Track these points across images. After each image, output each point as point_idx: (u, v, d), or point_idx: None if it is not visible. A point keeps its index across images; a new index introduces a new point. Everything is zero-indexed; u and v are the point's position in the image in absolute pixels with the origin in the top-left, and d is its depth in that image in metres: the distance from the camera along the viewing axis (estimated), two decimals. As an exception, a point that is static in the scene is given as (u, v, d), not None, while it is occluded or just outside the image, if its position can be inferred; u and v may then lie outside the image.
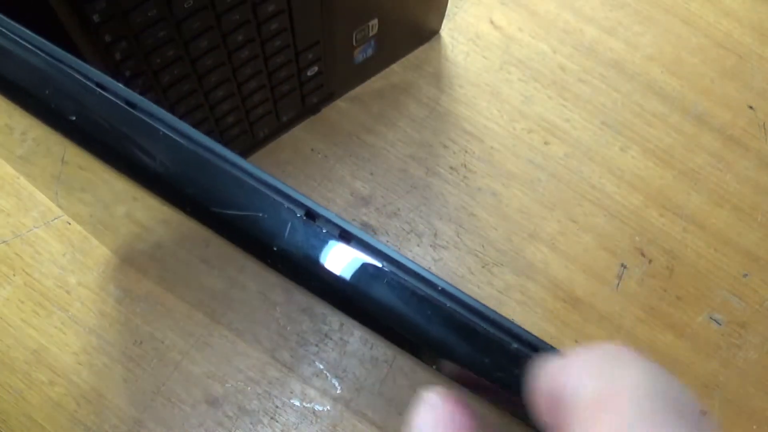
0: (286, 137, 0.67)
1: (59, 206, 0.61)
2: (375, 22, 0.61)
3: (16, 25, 0.22)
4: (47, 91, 0.22)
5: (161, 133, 0.22)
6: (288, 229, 0.21)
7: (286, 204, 0.22)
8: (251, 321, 0.59)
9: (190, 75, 0.50)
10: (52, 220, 0.63)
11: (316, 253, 0.22)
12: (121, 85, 0.22)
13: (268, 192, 0.22)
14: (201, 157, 0.22)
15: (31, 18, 0.24)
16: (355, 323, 0.22)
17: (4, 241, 0.63)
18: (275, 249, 0.21)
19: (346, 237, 0.22)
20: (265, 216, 0.21)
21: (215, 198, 0.21)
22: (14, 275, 0.62)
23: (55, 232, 0.63)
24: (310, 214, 0.22)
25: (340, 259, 0.22)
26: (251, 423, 0.59)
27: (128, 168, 0.22)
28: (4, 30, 0.22)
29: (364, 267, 0.22)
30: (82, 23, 0.41)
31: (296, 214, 0.22)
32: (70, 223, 0.63)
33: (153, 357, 0.60)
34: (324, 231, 0.22)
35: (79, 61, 0.22)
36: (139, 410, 0.59)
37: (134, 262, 0.61)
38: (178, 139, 0.22)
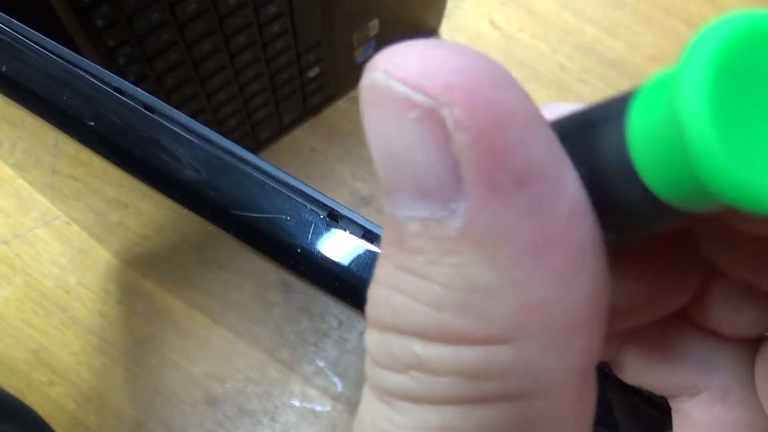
0: (286, 138, 0.67)
1: (58, 209, 0.61)
2: (375, 22, 0.61)
3: (31, 30, 0.22)
4: (64, 97, 0.22)
5: (181, 136, 0.22)
6: (311, 231, 0.21)
7: (309, 206, 0.22)
8: (250, 321, 0.59)
9: (193, 78, 0.50)
10: (52, 220, 0.63)
11: (340, 255, 0.22)
12: (139, 89, 0.22)
13: (290, 194, 0.22)
14: (222, 160, 0.22)
15: (33, 22, 0.24)
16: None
17: (4, 242, 0.62)
18: (299, 251, 0.21)
19: (369, 237, 0.22)
20: (289, 218, 0.21)
21: (237, 201, 0.21)
22: (14, 275, 0.61)
23: (55, 232, 0.63)
24: (333, 216, 0.22)
25: (364, 261, 0.22)
26: (251, 423, 0.59)
27: (146, 173, 0.22)
28: (19, 35, 0.22)
29: None
30: (86, 28, 0.41)
31: (319, 216, 0.22)
32: (69, 224, 0.63)
33: (153, 357, 0.60)
34: (347, 232, 0.22)
35: (96, 66, 0.22)
36: (139, 410, 0.59)
37: (133, 263, 0.61)
38: (197, 141, 0.22)
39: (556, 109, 0.17)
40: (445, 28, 0.72)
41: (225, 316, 0.59)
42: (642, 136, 0.12)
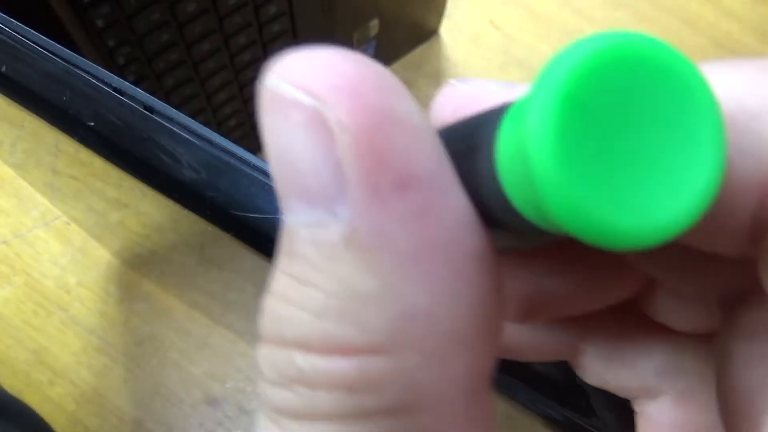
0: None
1: (58, 209, 0.61)
2: (375, 22, 0.61)
3: (31, 30, 0.22)
4: (64, 98, 0.22)
5: (180, 136, 0.22)
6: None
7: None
8: (250, 321, 0.59)
9: (193, 79, 0.50)
10: (52, 221, 0.63)
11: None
12: (138, 89, 0.22)
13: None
14: (222, 160, 0.22)
15: (33, 22, 0.24)
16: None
17: (4, 242, 0.62)
18: None
19: None
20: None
21: (237, 201, 0.21)
22: (14, 275, 0.61)
23: (55, 232, 0.63)
24: None
25: None
26: (251, 423, 0.59)
27: (145, 173, 0.22)
28: (19, 36, 0.22)
29: None
30: (86, 28, 0.41)
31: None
32: (69, 224, 0.63)
33: (153, 357, 0.60)
34: None
35: (97, 66, 0.22)
36: (139, 410, 0.59)
37: (133, 263, 0.61)
38: (196, 142, 0.22)
39: (481, 86, 0.16)
40: (445, 28, 0.72)
41: (225, 316, 0.59)
42: (505, 161, 0.12)
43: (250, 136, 0.62)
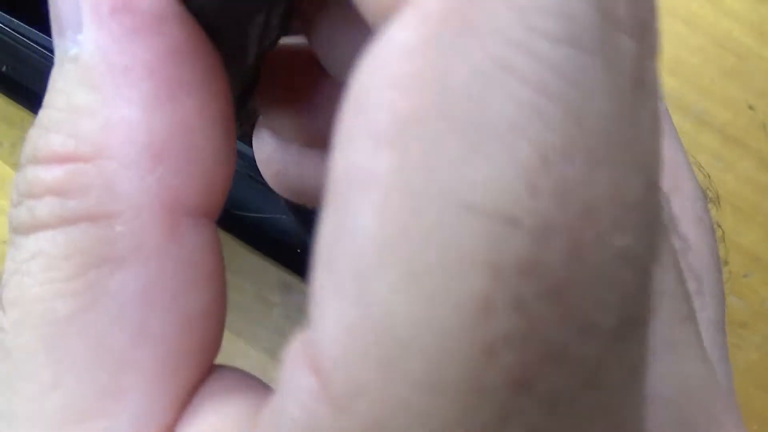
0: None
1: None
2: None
3: (32, 29, 0.22)
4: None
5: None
6: (312, 231, 0.21)
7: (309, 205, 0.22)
8: (250, 321, 0.59)
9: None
10: (52, 220, 0.63)
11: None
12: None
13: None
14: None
15: (33, 22, 0.24)
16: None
17: (4, 242, 0.62)
18: (299, 251, 0.21)
19: None
20: (284, 217, 0.21)
21: (237, 201, 0.21)
22: (14, 275, 0.61)
23: (55, 232, 0.63)
24: None
25: None
26: (252, 423, 0.58)
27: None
28: (19, 35, 0.22)
29: None
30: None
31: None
32: (70, 223, 0.63)
33: (154, 357, 0.60)
34: None
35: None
36: (139, 410, 0.58)
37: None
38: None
39: None
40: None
41: (225, 316, 0.59)
42: None
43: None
